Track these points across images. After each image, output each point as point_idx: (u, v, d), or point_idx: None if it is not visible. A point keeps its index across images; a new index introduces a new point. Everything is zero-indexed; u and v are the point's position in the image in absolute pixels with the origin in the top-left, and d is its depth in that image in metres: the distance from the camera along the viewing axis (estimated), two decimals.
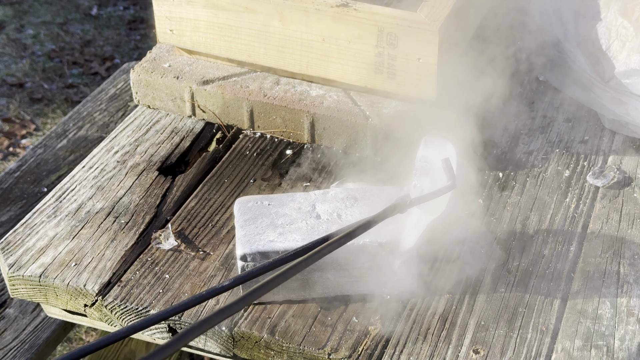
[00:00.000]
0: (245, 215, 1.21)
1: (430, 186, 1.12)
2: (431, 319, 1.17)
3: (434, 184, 1.12)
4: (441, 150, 1.14)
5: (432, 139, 1.15)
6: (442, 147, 1.15)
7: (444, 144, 1.15)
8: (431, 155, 1.14)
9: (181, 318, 1.18)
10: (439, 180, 1.12)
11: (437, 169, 1.12)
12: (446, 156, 1.13)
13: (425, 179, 1.12)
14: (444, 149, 1.14)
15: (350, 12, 1.39)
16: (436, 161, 1.13)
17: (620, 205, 1.37)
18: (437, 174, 1.12)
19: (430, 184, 1.12)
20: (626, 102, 1.50)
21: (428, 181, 1.12)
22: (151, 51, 1.63)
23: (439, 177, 1.12)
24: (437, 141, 1.15)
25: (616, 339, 1.15)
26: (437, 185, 1.12)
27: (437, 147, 1.15)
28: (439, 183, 1.11)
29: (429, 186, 1.12)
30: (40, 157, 2.06)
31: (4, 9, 4.04)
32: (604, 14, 1.55)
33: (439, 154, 1.14)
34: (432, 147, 1.15)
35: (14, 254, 1.29)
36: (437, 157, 1.14)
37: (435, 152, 1.14)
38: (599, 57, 1.53)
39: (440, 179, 1.12)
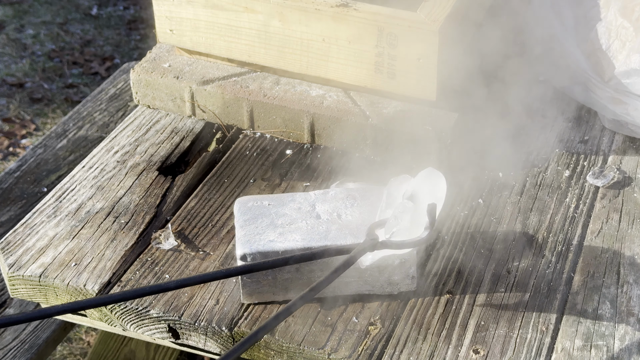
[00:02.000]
0: (245, 215, 1.21)
1: (408, 225, 1.11)
2: (431, 319, 1.17)
3: (413, 224, 1.11)
4: (433, 187, 1.12)
5: (429, 172, 1.13)
6: (435, 183, 1.13)
7: (438, 180, 1.13)
8: (421, 191, 1.13)
9: (181, 318, 1.18)
10: (418, 222, 1.11)
11: (420, 210, 1.11)
12: (434, 200, 1.11)
13: (406, 216, 1.11)
14: (436, 185, 1.13)
15: (350, 12, 1.39)
16: (423, 200, 1.12)
17: (620, 205, 1.37)
18: (419, 214, 1.11)
19: (409, 223, 1.11)
20: (626, 102, 1.50)
21: (408, 219, 1.11)
22: (151, 51, 1.63)
23: (420, 218, 1.10)
24: (433, 175, 1.13)
25: (616, 339, 1.15)
26: (416, 226, 1.11)
27: (430, 182, 1.13)
28: (418, 224, 1.11)
29: (406, 225, 1.11)
30: (40, 157, 2.06)
31: (4, 9, 4.04)
32: (604, 14, 1.55)
33: (429, 191, 1.12)
34: (425, 181, 1.13)
35: (14, 254, 1.29)
36: (425, 195, 1.12)
37: (426, 187, 1.13)
38: (599, 57, 1.53)
39: (419, 221, 1.10)
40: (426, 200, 1.12)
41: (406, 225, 1.11)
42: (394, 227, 1.12)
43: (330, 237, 1.16)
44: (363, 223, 1.18)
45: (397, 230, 1.12)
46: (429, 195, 1.13)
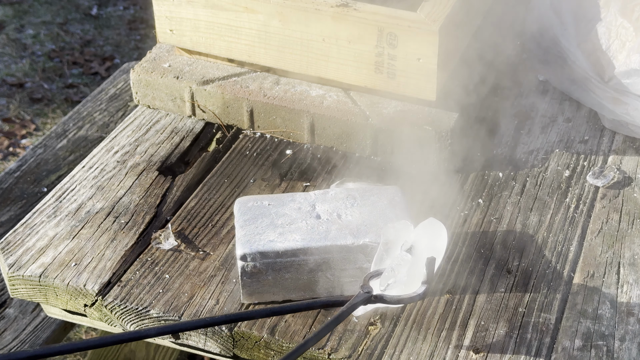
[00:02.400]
0: (245, 215, 1.21)
1: (405, 278, 1.09)
2: (431, 319, 1.17)
3: (410, 277, 1.09)
4: (434, 238, 1.10)
5: (430, 223, 1.11)
6: (436, 234, 1.11)
7: (439, 231, 1.11)
8: (421, 243, 1.11)
9: (181, 318, 1.18)
10: (416, 275, 1.08)
11: (419, 263, 1.09)
12: (434, 252, 1.09)
13: (404, 269, 1.09)
14: (437, 237, 1.11)
15: (350, 12, 1.39)
16: (422, 252, 1.10)
17: (620, 205, 1.37)
18: (417, 267, 1.09)
19: (406, 276, 1.09)
20: (626, 102, 1.50)
21: (405, 272, 1.09)
22: (151, 51, 1.63)
23: (418, 271, 1.08)
24: (434, 226, 1.11)
25: (616, 339, 1.15)
26: (412, 279, 1.08)
27: (430, 233, 1.11)
28: (415, 278, 1.08)
29: (403, 278, 1.09)
30: (40, 157, 2.06)
31: (4, 9, 4.04)
32: (604, 14, 1.55)
33: (429, 242, 1.10)
34: (425, 232, 1.11)
35: (14, 254, 1.29)
36: (425, 247, 1.10)
37: (426, 238, 1.11)
38: (599, 57, 1.53)
39: (417, 274, 1.08)
40: (425, 252, 1.10)
41: (403, 279, 1.09)
42: (390, 279, 1.09)
43: (330, 237, 1.16)
44: (363, 223, 1.18)
45: (393, 283, 1.09)
46: (428, 246, 1.11)
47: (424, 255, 1.09)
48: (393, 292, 1.08)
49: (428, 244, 1.10)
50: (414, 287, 1.08)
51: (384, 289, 1.08)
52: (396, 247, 1.12)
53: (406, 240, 1.11)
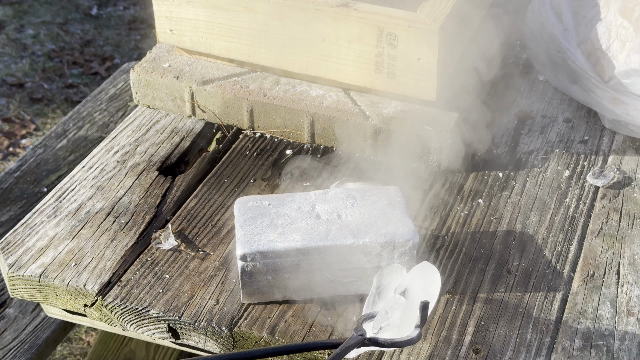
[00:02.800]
0: (245, 215, 1.21)
1: (398, 321, 1.08)
2: (431, 319, 1.17)
3: (403, 320, 1.08)
4: (427, 282, 1.10)
5: (424, 267, 1.11)
6: (429, 278, 1.10)
7: (432, 275, 1.10)
8: (414, 286, 1.10)
9: (181, 318, 1.18)
10: (409, 318, 1.08)
11: (413, 306, 1.09)
12: (427, 296, 1.08)
13: (397, 312, 1.09)
14: (430, 281, 1.10)
15: (350, 12, 1.39)
16: (416, 295, 1.09)
17: (620, 205, 1.37)
18: (411, 311, 1.09)
19: (399, 319, 1.08)
20: (626, 102, 1.50)
21: (398, 315, 1.09)
22: (151, 51, 1.63)
23: (411, 315, 1.08)
24: (427, 270, 1.11)
25: (616, 339, 1.15)
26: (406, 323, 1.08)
27: (424, 277, 1.10)
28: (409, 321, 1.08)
29: (396, 321, 1.08)
30: (40, 157, 2.06)
31: (4, 9, 4.04)
32: (604, 14, 1.55)
33: (422, 286, 1.10)
34: (419, 276, 1.11)
35: (14, 254, 1.29)
36: (418, 291, 1.10)
37: (420, 282, 1.10)
38: (599, 57, 1.53)
39: (410, 318, 1.08)
40: (419, 296, 1.09)
41: (396, 322, 1.09)
42: (383, 322, 1.09)
43: (330, 237, 1.16)
44: (363, 223, 1.18)
45: (386, 326, 1.09)
46: (422, 290, 1.10)
47: (417, 299, 1.09)
48: (386, 335, 1.08)
49: (422, 287, 1.10)
50: (407, 330, 1.08)
51: (377, 332, 1.09)
52: (390, 290, 1.12)
53: (400, 284, 1.11)
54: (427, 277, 1.10)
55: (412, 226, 1.18)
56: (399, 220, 1.19)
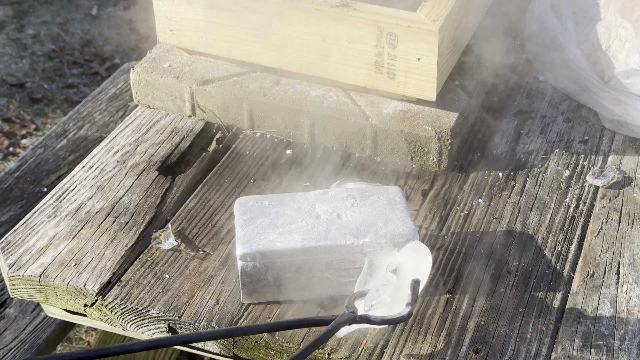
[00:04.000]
0: (245, 215, 1.21)
1: (389, 299, 1.10)
2: (431, 319, 1.17)
3: (394, 298, 1.09)
4: (418, 261, 1.11)
5: (415, 246, 1.12)
6: (421, 257, 1.12)
7: (424, 254, 1.12)
8: (405, 265, 1.11)
9: (181, 318, 1.18)
10: (400, 296, 1.09)
11: (404, 284, 1.10)
12: (418, 275, 1.10)
13: (388, 290, 1.10)
14: (422, 260, 1.12)
15: (350, 12, 1.39)
16: (407, 274, 1.11)
17: (620, 205, 1.37)
18: (402, 289, 1.10)
19: (390, 297, 1.09)
20: (626, 102, 1.50)
21: (389, 293, 1.10)
22: (151, 51, 1.63)
23: (402, 293, 1.09)
24: (418, 249, 1.12)
25: (616, 339, 1.15)
26: (397, 301, 1.09)
27: (415, 256, 1.12)
28: (400, 299, 1.09)
29: (387, 299, 1.10)
30: (40, 157, 2.06)
31: (4, 9, 4.04)
32: (603, 14, 1.55)
33: (414, 265, 1.11)
34: (410, 255, 1.12)
35: (14, 253, 1.29)
36: (409, 270, 1.11)
37: (411, 261, 1.12)
38: (599, 57, 1.53)
39: (401, 296, 1.09)
40: (410, 274, 1.10)
41: (387, 300, 1.10)
42: (374, 299, 1.10)
43: (330, 237, 1.16)
44: (363, 223, 1.18)
45: (377, 303, 1.10)
46: (413, 269, 1.11)
47: (408, 277, 1.10)
48: (377, 312, 1.09)
49: (413, 266, 1.11)
50: (398, 308, 1.08)
51: (368, 310, 1.09)
52: (381, 269, 1.13)
53: (391, 262, 1.12)
54: (418, 255, 1.11)
55: (412, 226, 1.18)
56: (399, 220, 1.19)
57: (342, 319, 1.06)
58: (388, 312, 1.08)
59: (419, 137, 1.43)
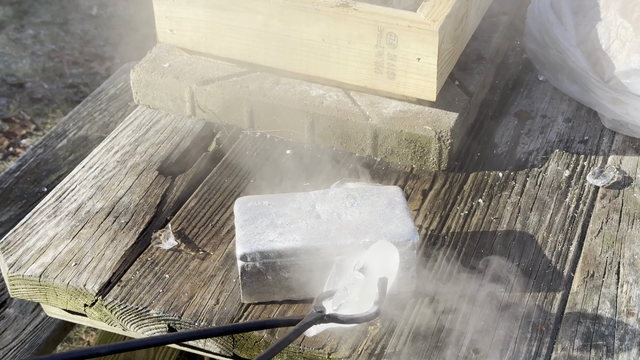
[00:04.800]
0: (245, 215, 1.21)
1: (357, 298, 1.09)
2: (431, 319, 1.17)
3: (362, 297, 1.09)
4: (386, 259, 1.11)
5: (382, 245, 1.12)
6: (388, 256, 1.11)
7: (391, 253, 1.11)
8: (373, 264, 1.12)
9: (181, 318, 1.18)
10: (368, 295, 1.09)
11: (371, 283, 1.10)
12: (385, 274, 1.10)
13: (356, 288, 1.10)
14: (389, 258, 1.11)
15: (350, 12, 1.39)
16: (374, 273, 1.11)
17: (620, 205, 1.37)
18: (370, 287, 1.10)
19: (358, 296, 1.09)
20: (626, 102, 1.50)
21: (357, 292, 1.10)
22: (151, 51, 1.63)
23: (370, 291, 1.09)
24: (386, 247, 1.12)
25: (616, 339, 1.15)
26: (365, 299, 1.09)
27: (382, 255, 1.11)
28: (368, 298, 1.09)
29: (355, 297, 1.09)
30: (40, 157, 2.06)
31: (4, 9, 4.04)
32: (603, 14, 1.55)
33: (381, 264, 1.11)
34: (377, 254, 1.12)
35: (14, 253, 1.29)
36: (377, 268, 1.11)
37: (379, 260, 1.12)
38: (599, 57, 1.53)
39: (369, 295, 1.09)
40: (378, 273, 1.10)
41: (355, 298, 1.10)
42: (343, 299, 1.10)
43: (330, 237, 1.16)
44: (363, 223, 1.18)
45: (345, 303, 1.10)
46: (380, 268, 1.11)
47: (376, 276, 1.10)
48: (345, 311, 1.09)
49: (380, 265, 1.11)
50: (366, 307, 1.08)
51: (337, 309, 1.09)
52: (349, 268, 1.13)
53: (359, 261, 1.12)
54: (385, 254, 1.11)
55: (412, 226, 1.18)
56: (399, 220, 1.19)
57: (310, 319, 1.06)
58: (356, 310, 1.08)
59: (419, 137, 1.43)
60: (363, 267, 1.11)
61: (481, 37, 1.65)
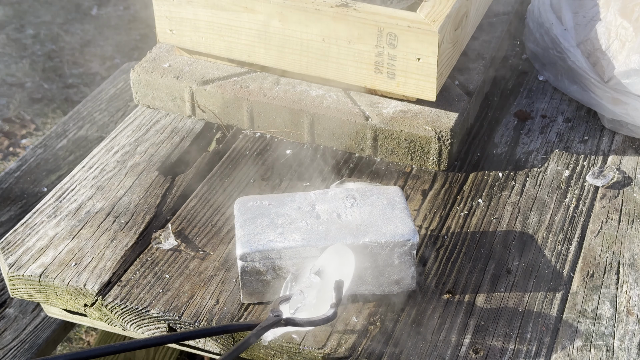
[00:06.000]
0: (245, 215, 1.21)
1: (314, 301, 1.10)
2: (431, 319, 1.17)
3: (319, 300, 1.10)
4: (341, 263, 1.12)
5: (338, 248, 1.13)
6: (344, 259, 1.12)
7: (347, 256, 1.12)
8: (329, 267, 1.12)
9: (181, 318, 1.18)
10: (325, 298, 1.10)
11: (328, 286, 1.11)
12: (342, 277, 1.11)
13: (313, 292, 1.11)
14: (345, 262, 1.12)
15: (350, 12, 1.39)
16: (331, 276, 1.12)
17: (619, 205, 1.37)
18: (326, 291, 1.11)
19: (315, 299, 1.10)
20: (626, 102, 1.50)
21: (314, 295, 1.11)
22: (151, 51, 1.63)
23: (327, 294, 1.10)
24: (341, 251, 1.13)
25: (616, 338, 1.15)
26: (322, 302, 1.10)
27: (338, 258, 1.12)
28: (324, 301, 1.10)
29: (312, 301, 1.10)
30: (40, 157, 2.06)
31: (4, 9, 4.04)
32: (603, 14, 1.55)
33: (337, 267, 1.12)
34: (333, 257, 1.13)
35: (14, 253, 1.29)
36: (333, 271, 1.12)
37: (334, 263, 1.12)
38: (598, 57, 1.53)
39: (326, 298, 1.10)
40: (334, 276, 1.11)
41: (312, 302, 1.10)
42: (300, 302, 1.11)
43: (329, 237, 1.16)
44: (363, 223, 1.18)
45: (302, 306, 1.10)
46: (336, 270, 1.12)
47: (332, 279, 1.11)
48: (302, 315, 1.10)
49: (336, 268, 1.12)
50: (323, 310, 1.10)
51: (294, 312, 1.10)
52: (305, 272, 1.13)
53: (314, 265, 1.13)
54: (341, 257, 1.13)
55: (412, 226, 1.18)
56: (399, 220, 1.19)
57: (267, 323, 1.07)
58: (313, 314, 1.09)
59: (419, 137, 1.43)
60: (319, 271, 1.12)
61: (481, 37, 1.65)
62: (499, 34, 1.68)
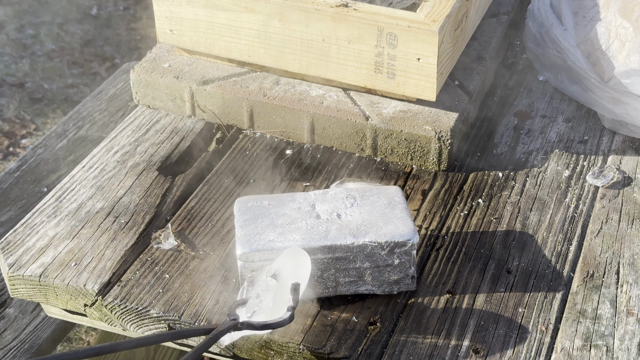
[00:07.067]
0: (245, 215, 1.21)
1: (270, 304, 1.11)
2: (431, 319, 1.17)
3: (275, 303, 1.11)
4: (297, 265, 1.12)
5: (294, 251, 1.13)
6: (300, 262, 1.12)
7: (302, 259, 1.12)
8: (285, 270, 1.13)
9: (181, 318, 1.18)
10: (281, 301, 1.10)
11: (284, 289, 1.11)
12: (298, 280, 1.11)
13: (269, 295, 1.11)
14: (301, 264, 1.12)
15: (350, 12, 1.39)
16: (287, 278, 1.12)
17: (619, 205, 1.37)
18: (283, 293, 1.11)
19: (271, 302, 1.11)
20: (626, 102, 1.50)
21: (270, 298, 1.11)
22: (151, 51, 1.63)
23: (283, 297, 1.10)
24: (297, 254, 1.13)
25: (616, 338, 1.15)
26: (278, 305, 1.10)
27: (294, 261, 1.13)
28: (281, 303, 1.10)
29: (269, 304, 1.11)
30: (40, 157, 2.06)
31: (4, 9, 4.04)
32: (603, 14, 1.55)
33: (293, 270, 1.12)
34: (289, 260, 1.13)
35: (14, 253, 1.29)
36: (289, 274, 1.12)
37: (290, 266, 1.13)
38: (598, 57, 1.53)
39: (282, 301, 1.10)
40: (290, 278, 1.11)
41: (268, 305, 1.11)
42: (256, 306, 1.11)
43: (329, 237, 1.16)
44: (363, 223, 1.18)
45: (258, 310, 1.11)
46: (293, 274, 1.12)
47: (288, 282, 1.11)
48: (259, 318, 1.10)
49: (292, 270, 1.13)
50: (280, 312, 1.10)
51: (251, 316, 1.10)
52: (261, 275, 1.14)
53: (270, 268, 1.13)
54: (297, 260, 1.12)
55: (412, 226, 1.18)
56: (399, 220, 1.19)
57: (224, 327, 1.08)
58: (270, 317, 1.09)
59: (419, 137, 1.43)
60: (275, 274, 1.12)
61: (481, 37, 1.65)
62: (499, 34, 1.68)
